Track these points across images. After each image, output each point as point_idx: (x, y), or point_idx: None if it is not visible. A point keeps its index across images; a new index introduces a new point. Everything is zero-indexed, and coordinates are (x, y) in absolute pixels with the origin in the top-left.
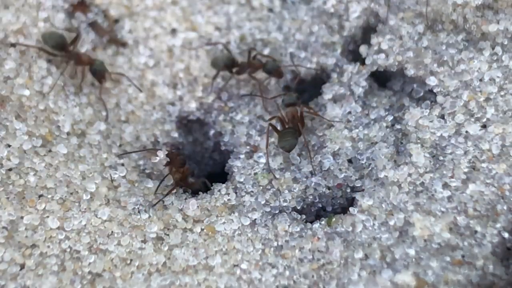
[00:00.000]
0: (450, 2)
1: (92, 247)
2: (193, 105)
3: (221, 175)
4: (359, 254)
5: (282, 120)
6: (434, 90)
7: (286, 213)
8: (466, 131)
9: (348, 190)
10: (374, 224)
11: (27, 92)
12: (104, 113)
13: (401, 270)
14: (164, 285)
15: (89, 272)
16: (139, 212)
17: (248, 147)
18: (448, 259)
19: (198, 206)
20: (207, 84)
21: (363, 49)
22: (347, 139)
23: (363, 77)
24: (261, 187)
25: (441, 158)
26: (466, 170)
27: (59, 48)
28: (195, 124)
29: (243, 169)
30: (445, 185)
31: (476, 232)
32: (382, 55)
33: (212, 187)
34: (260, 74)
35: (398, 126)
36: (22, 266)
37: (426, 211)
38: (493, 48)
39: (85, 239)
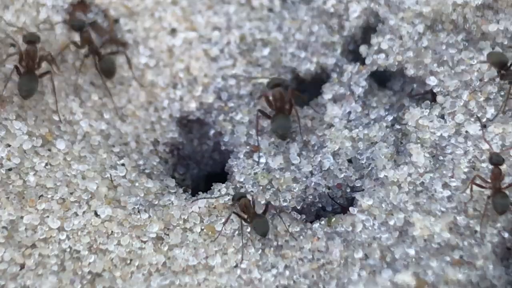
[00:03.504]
0: (450, 2)
1: (92, 247)
2: (193, 105)
3: (221, 175)
4: (359, 254)
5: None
6: (434, 90)
7: (286, 213)
8: (466, 131)
9: (348, 190)
10: (374, 224)
11: None
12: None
13: (401, 270)
14: (164, 285)
15: (89, 272)
16: (139, 212)
17: (248, 147)
18: (448, 259)
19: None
20: (207, 84)
21: (363, 49)
22: (347, 139)
23: (363, 77)
24: (261, 187)
25: (441, 158)
26: (466, 170)
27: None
28: (195, 124)
29: (243, 169)
30: (445, 185)
31: (476, 232)
32: (382, 55)
33: (212, 187)
34: None
35: (398, 126)
36: (22, 266)
37: (426, 211)
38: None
39: (85, 239)
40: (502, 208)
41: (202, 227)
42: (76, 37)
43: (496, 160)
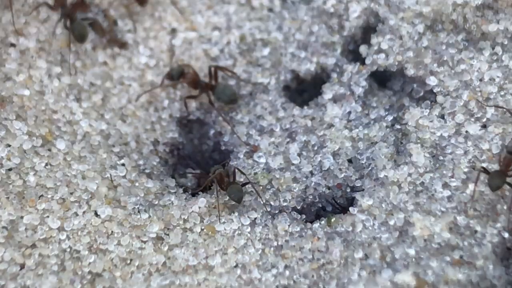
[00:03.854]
0: (450, 2)
1: (92, 247)
2: (193, 105)
3: None
4: (359, 254)
5: None
6: (434, 90)
7: (286, 213)
8: (466, 131)
9: (348, 190)
10: (374, 224)
11: (27, 92)
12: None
13: (401, 270)
14: (164, 285)
15: (89, 272)
16: (139, 212)
17: (248, 147)
18: (448, 259)
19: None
20: None
21: (363, 49)
22: (347, 139)
23: (363, 77)
24: (261, 187)
25: (441, 158)
26: (466, 170)
27: None
28: (195, 124)
29: (243, 169)
30: (445, 185)
31: (476, 232)
32: (382, 55)
33: (212, 187)
34: None
35: (398, 126)
36: (22, 266)
37: (426, 211)
38: (493, 48)
39: (85, 239)
40: (496, 184)
41: (202, 227)
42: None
43: None
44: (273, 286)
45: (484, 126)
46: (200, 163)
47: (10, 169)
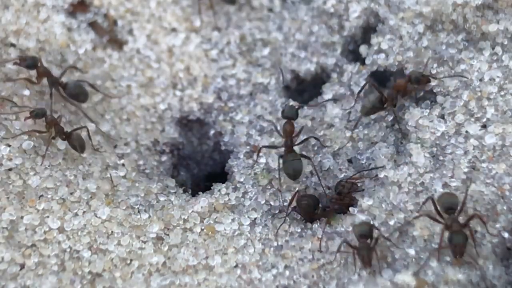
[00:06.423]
0: (450, 2)
1: (92, 247)
2: (193, 105)
3: (221, 175)
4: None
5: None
6: (434, 90)
7: (286, 213)
8: (466, 131)
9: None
10: (374, 224)
11: (27, 92)
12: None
13: (401, 270)
14: (164, 285)
15: (89, 272)
16: (139, 212)
17: (248, 147)
18: (448, 259)
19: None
20: (207, 84)
21: (363, 49)
22: (347, 139)
23: (363, 77)
24: (261, 187)
25: (441, 158)
26: (466, 170)
27: None
28: (195, 124)
29: (243, 169)
30: (445, 185)
31: (476, 232)
32: (382, 55)
33: (212, 187)
34: None
35: (398, 126)
36: (22, 266)
37: (426, 211)
38: (493, 48)
39: (85, 239)
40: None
41: (202, 227)
42: None
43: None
44: (273, 286)
45: (484, 126)
46: (200, 163)
47: (10, 169)
